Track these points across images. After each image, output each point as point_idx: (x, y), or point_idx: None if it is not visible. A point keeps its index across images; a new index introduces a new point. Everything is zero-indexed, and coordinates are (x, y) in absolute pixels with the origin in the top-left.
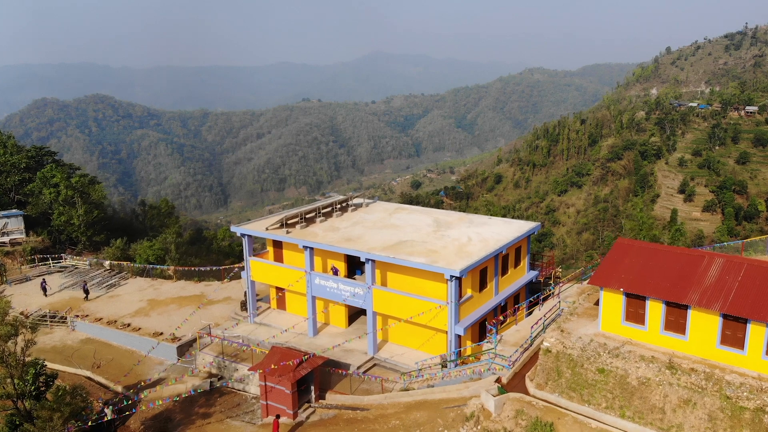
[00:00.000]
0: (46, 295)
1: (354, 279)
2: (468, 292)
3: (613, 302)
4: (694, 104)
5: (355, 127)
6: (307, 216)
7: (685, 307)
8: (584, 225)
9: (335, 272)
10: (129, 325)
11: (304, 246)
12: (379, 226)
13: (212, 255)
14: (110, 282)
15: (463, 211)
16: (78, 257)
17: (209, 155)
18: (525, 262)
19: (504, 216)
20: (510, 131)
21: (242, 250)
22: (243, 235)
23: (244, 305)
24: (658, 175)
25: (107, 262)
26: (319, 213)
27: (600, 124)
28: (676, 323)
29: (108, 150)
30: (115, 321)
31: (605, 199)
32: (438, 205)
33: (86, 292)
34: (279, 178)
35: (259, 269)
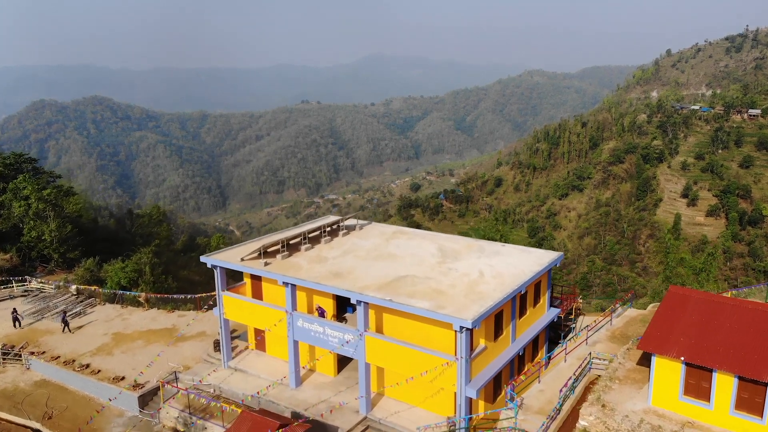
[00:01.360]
0: (16, 327)
1: (344, 319)
2: (480, 342)
3: (668, 371)
4: (696, 107)
5: (354, 129)
6: (291, 242)
7: (765, 385)
8: (586, 229)
9: (321, 313)
10: (88, 366)
11: (284, 282)
12: (374, 256)
13: (203, 266)
14: (75, 310)
15: (470, 239)
16: (50, 275)
17: (208, 157)
18: (545, 298)
19: (504, 220)
20: (509, 133)
21: None
22: (214, 266)
23: (217, 345)
24: (660, 179)
25: (74, 287)
26: (305, 239)
27: (601, 127)
28: (751, 402)
29: (106, 152)
30: (74, 360)
31: (607, 203)
32: (438, 208)
33: (65, 323)
34: (278, 180)
35: (233, 306)
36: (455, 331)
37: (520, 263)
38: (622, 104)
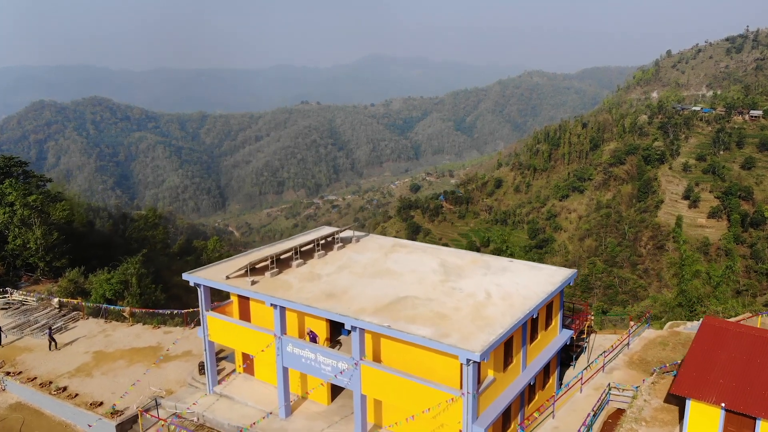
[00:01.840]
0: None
1: (339, 342)
2: (489, 373)
3: (705, 418)
4: (697, 108)
5: (353, 130)
6: (282, 257)
7: None
8: (587, 231)
9: (313, 338)
10: (65, 388)
11: (272, 304)
12: (371, 273)
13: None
14: (57, 324)
15: (474, 254)
16: (35, 285)
17: (207, 158)
18: (557, 319)
19: (504, 221)
20: (509, 134)
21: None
22: (197, 285)
23: (202, 367)
24: (661, 180)
25: (56, 299)
26: (297, 254)
27: (601, 128)
28: None
29: (106, 152)
30: (50, 382)
31: (608, 204)
32: (437, 210)
33: (52, 339)
34: (277, 181)
35: (218, 328)
36: (461, 363)
37: (530, 282)
38: (622, 105)
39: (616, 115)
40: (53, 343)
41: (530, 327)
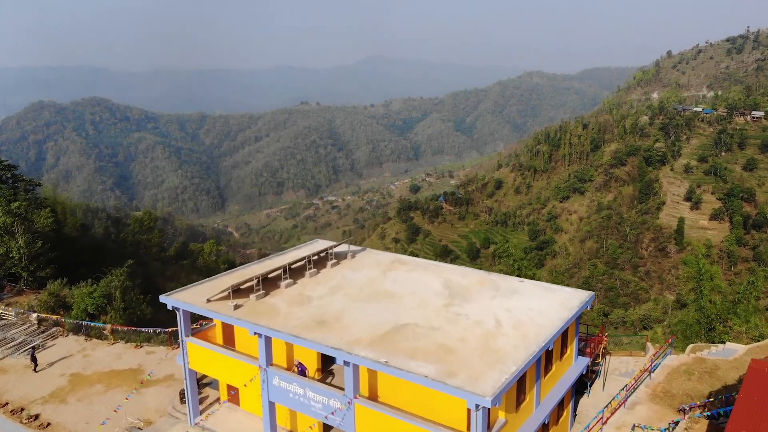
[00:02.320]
0: None
1: (331, 373)
2: (500, 416)
3: None
4: (698, 109)
5: (353, 131)
6: (270, 276)
7: None
8: (587, 233)
9: (302, 371)
10: (37, 417)
11: (256, 333)
12: (367, 295)
13: (192, 277)
14: (35, 342)
15: (481, 273)
16: (18, 296)
17: (207, 158)
18: (572, 347)
19: (504, 223)
20: (509, 135)
21: (230, 268)
22: (176, 308)
23: (184, 396)
24: (663, 181)
25: (35, 315)
26: (286, 273)
27: (602, 129)
28: None
29: (105, 153)
30: (22, 409)
31: (609, 206)
32: (437, 211)
33: (34, 360)
34: (277, 181)
35: (198, 356)
36: (469, 408)
37: (543, 307)
38: (622, 105)
39: (616, 115)
40: (36, 365)
41: (544, 359)
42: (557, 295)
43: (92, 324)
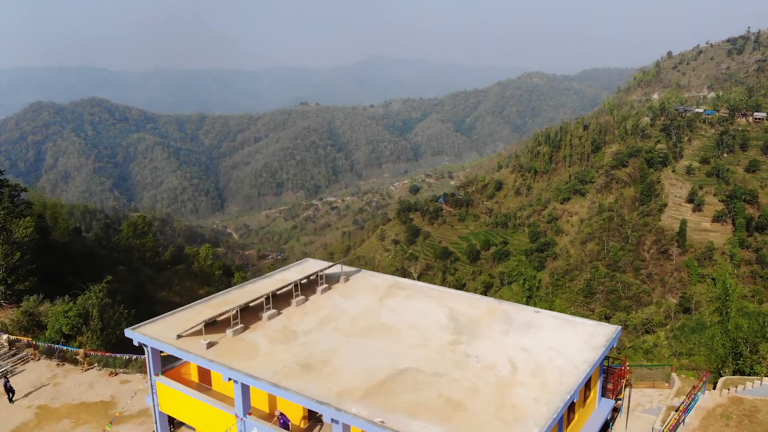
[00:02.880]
0: None
1: (319, 422)
2: None
3: None
4: (700, 110)
5: (353, 131)
6: (251, 305)
7: None
8: (588, 235)
9: (284, 422)
10: None
11: (230, 378)
12: (361, 329)
13: (186, 283)
14: (3, 368)
15: (491, 301)
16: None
17: (206, 159)
18: (596, 390)
19: (504, 224)
20: (509, 135)
21: (225, 273)
22: (143, 345)
23: None
24: (665, 183)
25: (5, 336)
26: (269, 303)
27: (603, 130)
28: None
29: (104, 154)
30: None
31: (610, 207)
32: (437, 212)
33: (9, 391)
34: (276, 182)
35: (169, 398)
36: None
37: (563, 344)
38: (622, 106)
39: (617, 116)
40: (11, 397)
41: (567, 409)
42: (579, 330)
43: (64, 348)
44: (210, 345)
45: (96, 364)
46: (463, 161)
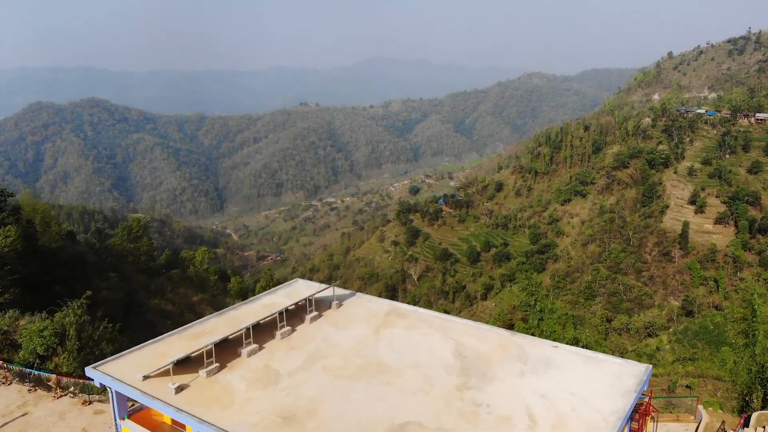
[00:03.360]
0: None
1: None
2: None
3: None
4: (701, 111)
5: (353, 132)
6: (231, 337)
7: None
8: (590, 236)
9: None
10: None
11: None
12: (354, 369)
13: (179, 290)
14: None
15: (502, 333)
16: None
17: (205, 159)
18: None
19: (505, 226)
20: (509, 136)
21: (221, 278)
22: (106, 386)
23: None
24: (666, 184)
25: None
26: (249, 337)
27: (604, 131)
28: None
29: (103, 154)
30: None
31: (611, 209)
32: (437, 213)
33: None
34: (276, 182)
35: None
36: None
37: (588, 389)
38: (623, 107)
39: (618, 117)
40: None
41: None
42: (604, 370)
43: (35, 373)
44: (180, 389)
45: (72, 388)
46: (462, 162)
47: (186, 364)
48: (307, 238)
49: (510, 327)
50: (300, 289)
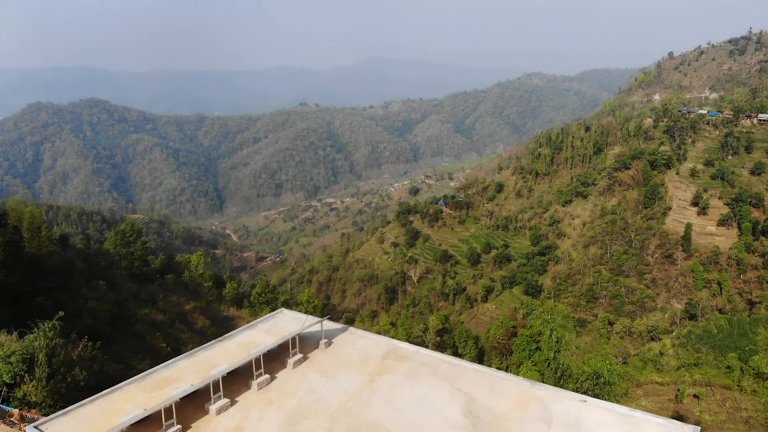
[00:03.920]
0: None
1: None
2: None
3: None
4: (704, 111)
5: (352, 132)
6: (199, 390)
7: None
8: (591, 238)
9: None
10: None
11: None
12: (343, 431)
13: (172, 298)
14: None
15: (521, 383)
16: None
17: (205, 160)
18: None
19: (505, 227)
20: (509, 136)
21: (216, 284)
22: None
23: None
24: (668, 186)
25: None
26: (219, 390)
27: (605, 132)
28: None
29: (102, 155)
30: None
31: (613, 210)
32: (437, 215)
33: None
34: (275, 183)
35: None
36: None
37: None
38: (624, 107)
39: (619, 118)
40: None
41: None
42: (639, 429)
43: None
44: None
45: (41, 417)
46: (462, 162)
47: (143, 423)
48: (307, 239)
49: (513, 335)
50: (284, 323)
